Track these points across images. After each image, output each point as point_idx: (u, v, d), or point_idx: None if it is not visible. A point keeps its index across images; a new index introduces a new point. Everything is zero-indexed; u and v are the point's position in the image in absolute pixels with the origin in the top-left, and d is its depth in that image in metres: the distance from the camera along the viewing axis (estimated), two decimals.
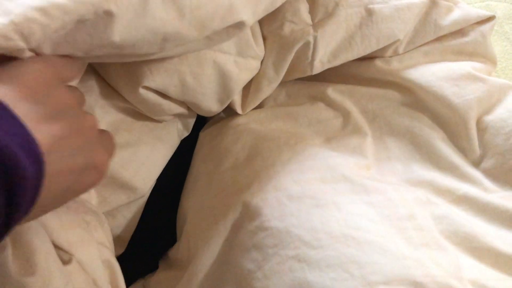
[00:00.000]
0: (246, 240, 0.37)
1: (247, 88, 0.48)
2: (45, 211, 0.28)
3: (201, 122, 0.53)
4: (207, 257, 0.39)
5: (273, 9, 0.41)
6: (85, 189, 0.29)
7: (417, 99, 0.45)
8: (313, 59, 0.45)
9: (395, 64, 0.47)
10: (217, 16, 0.34)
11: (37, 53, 0.27)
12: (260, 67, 0.46)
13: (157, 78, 0.39)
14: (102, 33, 0.28)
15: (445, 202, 0.40)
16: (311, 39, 0.44)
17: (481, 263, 0.37)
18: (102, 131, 0.32)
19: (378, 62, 0.47)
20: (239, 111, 0.48)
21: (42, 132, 0.24)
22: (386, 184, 0.40)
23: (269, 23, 0.46)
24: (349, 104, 0.46)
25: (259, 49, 0.45)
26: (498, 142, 0.42)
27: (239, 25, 0.36)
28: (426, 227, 0.37)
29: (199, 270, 0.39)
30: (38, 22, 0.25)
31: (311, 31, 0.44)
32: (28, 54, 0.26)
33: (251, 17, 0.37)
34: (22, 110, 0.24)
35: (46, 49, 0.27)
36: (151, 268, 0.48)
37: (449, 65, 0.45)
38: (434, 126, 0.44)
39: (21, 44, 0.25)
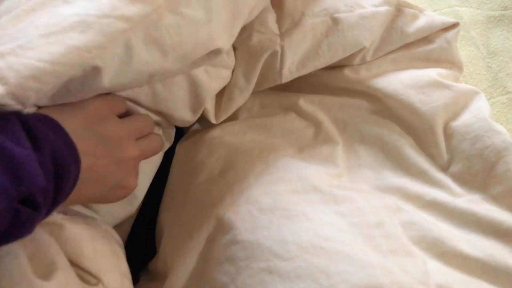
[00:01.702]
0: (219, 253, 0.38)
1: (220, 98, 0.48)
2: (72, 202, 0.35)
3: (181, 135, 0.53)
4: (182, 271, 0.40)
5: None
6: (111, 201, 0.37)
7: (385, 107, 0.46)
8: (281, 68, 0.46)
9: (363, 73, 0.48)
10: (198, 48, 0.36)
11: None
12: (232, 76, 0.47)
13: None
14: (92, 83, 0.31)
15: (414, 208, 0.41)
16: (278, 49, 0.45)
17: (448, 267, 0.38)
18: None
19: (347, 71, 0.48)
20: (212, 120, 0.48)
21: (87, 153, 0.31)
22: (356, 192, 0.41)
23: (239, 34, 0.46)
24: (320, 114, 0.47)
25: (229, 59, 0.46)
26: (465, 147, 0.43)
27: (216, 51, 0.39)
28: (394, 234, 0.38)
29: (175, 284, 0.39)
30: (33, 89, 0.28)
31: (278, 40, 0.45)
32: (29, 109, 0.30)
33: (227, 42, 0.40)
34: (77, 134, 0.30)
35: (44, 103, 0.31)
36: (133, 280, 0.48)
37: (415, 73, 0.46)
38: (403, 133, 0.45)
39: (19, 107, 0.28)
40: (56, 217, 0.36)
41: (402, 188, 0.43)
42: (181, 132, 0.54)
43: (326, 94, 0.48)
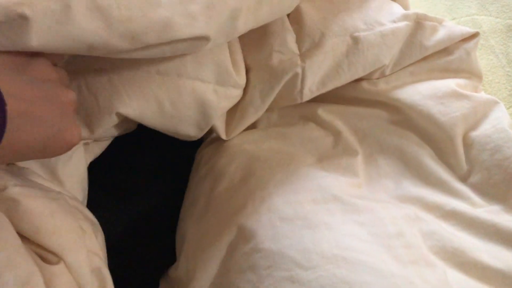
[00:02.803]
0: (241, 261, 0.39)
1: (231, 114, 0.49)
2: (9, 155, 0.30)
3: (199, 142, 0.54)
4: (204, 279, 0.40)
5: (247, 29, 0.41)
6: (47, 156, 0.32)
7: (404, 118, 0.47)
8: (302, 88, 0.46)
9: (382, 86, 0.48)
10: (152, 31, 0.33)
11: None
12: (247, 95, 0.47)
13: (134, 103, 0.41)
14: (18, 36, 0.28)
15: (433, 218, 0.42)
16: (299, 70, 0.45)
17: (469, 278, 0.38)
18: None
19: (365, 84, 0.49)
20: (222, 136, 0.49)
21: (15, 96, 0.27)
22: (376, 202, 0.41)
23: (255, 53, 0.47)
24: (339, 124, 0.47)
25: (239, 78, 0.45)
26: (484, 158, 0.43)
27: (200, 39, 0.36)
28: (414, 244, 0.38)
29: None
30: None
31: (299, 61, 0.45)
32: None
33: (215, 34, 0.37)
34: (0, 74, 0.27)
35: None
36: (152, 287, 0.49)
37: (434, 84, 0.46)
38: (422, 144, 0.46)
39: None
40: (11, 191, 0.34)
41: (421, 198, 0.43)
42: (199, 139, 0.54)
43: (344, 104, 0.49)
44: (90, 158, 0.46)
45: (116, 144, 0.49)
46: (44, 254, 0.34)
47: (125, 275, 0.50)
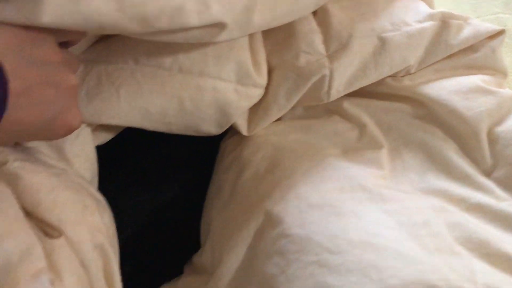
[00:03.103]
0: (268, 246, 0.39)
1: (254, 112, 0.49)
2: (3, 139, 0.31)
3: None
4: (231, 263, 0.41)
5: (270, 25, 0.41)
6: (48, 139, 0.34)
7: (429, 113, 0.47)
8: (329, 89, 0.47)
9: (406, 82, 0.49)
10: (164, 16, 0.33)
11: None
12: (271, 94, 0.47)
13: (156, 100, 0.42)
14: (30, 12, 0.28)
15: (458, 210, 0.42)
16: (327, 72, 0.46)
17: (494, 269, 0.38)
18: None
19: (390, 80, 0.49)
20: (244, 133, 0.49)
21: (17, 75, 0.27)
22: (401, 193, 0.42)
23: (281, 53, 0.47)
24: (364, 117, 0.48)
25: (260, 78, 0.46)
26: (509, 153, 0.44)
27: (218, 26, 0.36)
28: (440, 234, 0.39)
29: (224, 275, 0.41)
30: None
31: (327, 63, 0.46)
32: None
33: (231, 22, 0.37)
34: (2, 52, 0.27)
35: None
36: (176, 273, 0.50)
37: (459, 79, 0.47)
38: (447, 138, 0.46)
39: None
40: (12, 165, 0.35)
41: (445, 191, 0.43)
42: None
43: (369, 98, 0.49)
44: (97, 142, 0.47)
45: (144, 133, 0.50)
46: (45, 228, 0.34)
47: (150, 261, 0.51)
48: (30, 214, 0.34)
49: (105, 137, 0.47)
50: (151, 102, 0.42)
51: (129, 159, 0.51)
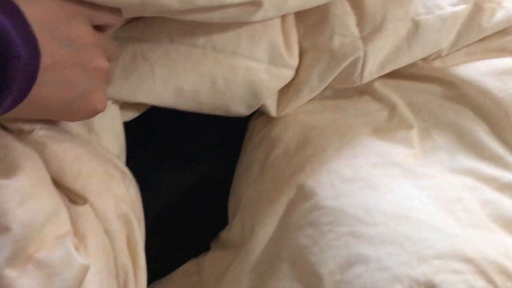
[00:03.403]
0: (301, 218, 0.40)
1: (283, 93, 0.49)
2: (27, 114, 0.31)
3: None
4: (263, 235, 0.41)
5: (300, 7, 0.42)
6: (70, 118, 0.34)
7: (460, 93, 0.47)
8: (362, 71, 0.47)
9: (437, 64, 0.49)
10: None
11: None
12: (302, 75, 0.47)
13: (190, 79, 0.43)
14: None
15: (490, 189, 0.42)
16: (361, 54, 0.46)
17: None
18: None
19: (420, 62, 0.50)
20: (272, 114, 0.50)
21: (47, 50, 0.27)
22: (433, 170, 0.42)
23: (314, 35, 0.47)
24: (395, 97, 0.48)
25: (292, 59, 0.46)
26: None
27: (252, 4, 0.37)
28: (473, 210, 0.39)
29: (256, 246, 0.41)
30: None
31: (361, 45, 0.46)
32: None
33: (268, 0, 0.37)
34: (37, 26, 0.26)
35: None
36: (204, 249, 0.51)
37: (491, 61, 0.47)
38: (477, 119, 0.46)
39: None
40: (38, 134, 0.35)
41: (476, 171, 0.43)
42: None
43: (401, 79, 0.50)
44: (124, 119, 0.47)
45: (173, 112, 0.50)
46: (71, 196, 0.35)
47: (178, 237, 0.52)
48: (56, 182, 0.35)
49: (132, 115, 0.48)
50: (184, 80, 0.43)
51: (158, 138, 0.52)
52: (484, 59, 0.48)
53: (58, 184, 0.35)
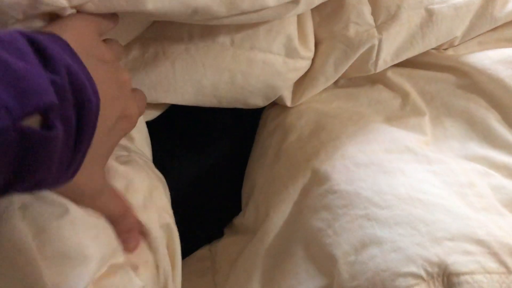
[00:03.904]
0: (315, 202, 0.41)
1: (298, 83, 0.50)
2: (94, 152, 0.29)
3: None
4: (278, 218, 0.42)
5: None
6: (120, 136, 0.32)
7: (472, 82, 0.48)
8: (377, 59, 0.48)
9: (450, 53, 0.50)
10: None
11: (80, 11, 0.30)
12: (318, 64, 0.48)
13: (209, 74, 0.44)
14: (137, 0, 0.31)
15: (501, 175, 0.43)
16: (376, 42, 0.47)
17: None
18: (135, 89, 0.36)
19: (433, 51, 0.50)
20: (288, 104, 0.51)
21: (98, 83, 0.27)
22: (445, 156, 0.43)
23: (331, 24, 0.48)
24: (407, 86, 0.49)
25: (307, 50, 0.47)
26: None
27: (291, 3, 0.38)
28: (485, 194, 0.39)
29: (270, 230, 0.42)
30: None
31: (376, 33, 0.47)
32: (70, 11, 0.29)
33: None
34: (83, 58, 0.26)
35: (88, 9, 0.30)
36: (217, 235, 0.52)
37: (503, 50, 0.48)
38: (489, 108, 0.47)
39: (64, 2, 0.28)
40: None
41: (488, 158, 0.44)
42: None
43: (413, 68, 0.50)
44: (146, 118, 0.48)
45: None
46: None
47: (193, 223, 0.52)
48: None
49: (154, 114, 0.49)
50: (204, 75, 0.44)
51: (175, 125, 0.53)
52: (496, 48, 0.49)
53: None
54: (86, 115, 0.25)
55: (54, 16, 0.30)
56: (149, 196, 0.38)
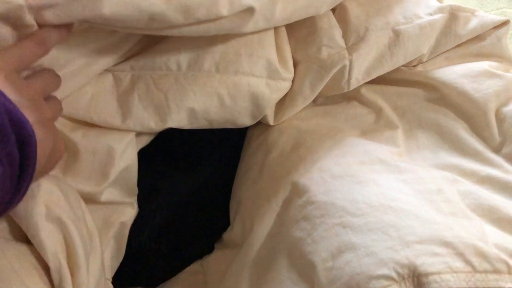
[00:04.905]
0: (296, 213, 0.43)
1: (280, 103, 0.53)
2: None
3: None
4: (261, 231, 0.45)
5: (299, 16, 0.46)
6: (51, 169, 0.35)
7: (440, 96, 0.51)
8: (349, 78, 0.51)
9: (419, 69, 0.53)
10: (202, 6, 0.38)
11: (41, 24, 0.32)
12: (296, 86, 0.52)
13: (200, 99, 0.47)
14: (93, 4, 0.33)
15: (470, 182, 0.45)
16: (347, 62, 0.50)
17: (503, 232, 0.42)
18: (51, 98, 0.38)
19: (403, 68, 0.54)
20: (270, 123, 0.54)
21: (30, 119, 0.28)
22: (417, 166, 0.46)
23: (305, 48, 0.52)
24: (381, 102, 0.52)
25: (287, 72, 0.51)
26: None
27: (249, 11, 0.41)
28: (453, 200, 0.42)
29: (255, 242, 0.45)
30: None
31: (347, 54, 0.50)
32: (29, 18, 0.31)
33: (259, 6, 0.41)
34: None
35: (48, 17, 0.33)
36: (208, 250, 0.54)
37: (468, 65, 0.51)
38: (457, 119, 0.50)
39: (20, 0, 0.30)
40: None
41: (457, 166, 0.47)
42: None
43: (385, 84, 0.54)
44: (142, 144, 0.51)
45: None
46: None
47: (184, 240, 0.55)
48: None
49: (147, 140, 0.52)
50: (195, 101, 0.47)
51: (167, 145, 0.56)
52: (462, 63, 0.52)
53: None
54: (29, 149, 0.26)
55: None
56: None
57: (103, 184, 0.45)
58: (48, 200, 0.37)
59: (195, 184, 0.55)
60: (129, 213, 0.49)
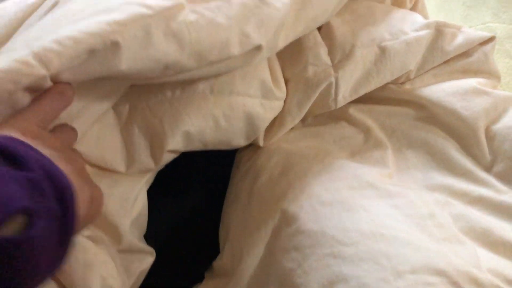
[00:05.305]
0: (286, 242, 0.42)
1: (270, 124, 0.53)
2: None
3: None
4: (251, 260, 0.44)
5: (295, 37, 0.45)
6: (94, 218, 0.33)
7: (429, 114, 0.50)
8: (336, 96, 0.50)
9: (407, 87, 0.53)
10: (214, 49, 0.38)
11: (58, 81, 0.32)
12: (285, 105, 0.51)
13: (195, 122, 0.46)
14: (111, 62, 0.33)
15: (461, 203, 0.45)
16: (333, 80, 0.49)
17: (497, 255, 0.41)
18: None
19: (391, 86, 0.53)
20: (260, 144, 0.53)
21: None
22: (407, 189, 0.45)
23: (292, 67, 0.51)
24: (369, 121, 0.51)
25: (281, 91, 0.50)
26: (506, 148, 0.46)
27: (255, 49, 0.41)
28: (445, 224, 0.41)
29: (245, 273, 0.44)
30: (54, 51, 0.30)
31: (332, 72, 0.50)
32: (50, 83, 0.31)
33: (265, 42, 0.41)
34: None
35: (66, 77, 0.32)
36: (197, 279, 0.53)
37: (456, 82, 0.51)
38: (447, 137, 0.49)
39: (42, 70, 0.30)
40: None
41: (449, 186, 0.46)
42: None
43: (373, 104, 0.53)
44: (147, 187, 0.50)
45: None
46: None
47: (173, 268, 0.54)
48: None
49: (151, 181, 0.50)
50: (190, 124, 0.46)
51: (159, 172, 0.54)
52: (450, 80, 0.52)
53: None
54: (68, 201, 0.26)
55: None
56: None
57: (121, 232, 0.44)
58: (103, 270, 0.39)
59: (183, 210, 0.54)
60: (149, 261, 0.48)
